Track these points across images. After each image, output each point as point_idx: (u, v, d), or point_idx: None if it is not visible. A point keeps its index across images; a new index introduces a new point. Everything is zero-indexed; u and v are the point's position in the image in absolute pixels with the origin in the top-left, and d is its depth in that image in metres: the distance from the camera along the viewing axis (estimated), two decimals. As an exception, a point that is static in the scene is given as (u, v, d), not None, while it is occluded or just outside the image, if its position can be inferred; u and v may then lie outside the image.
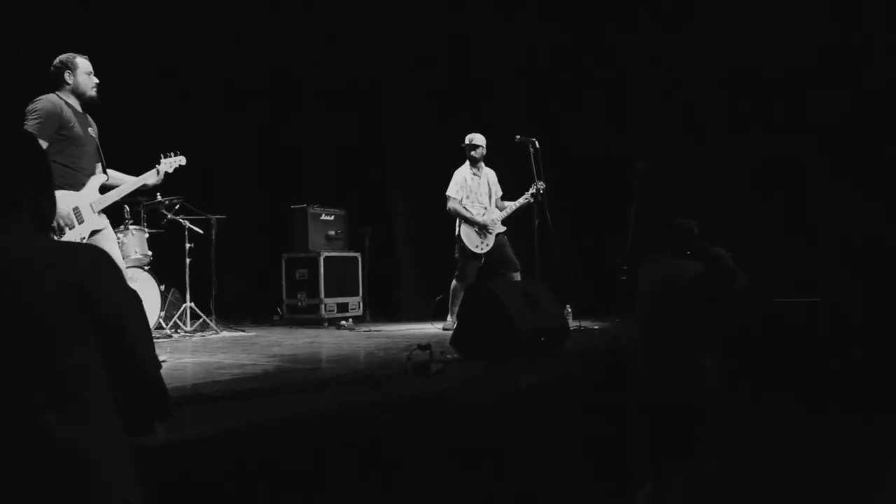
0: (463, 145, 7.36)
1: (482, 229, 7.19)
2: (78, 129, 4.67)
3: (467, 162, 7.36)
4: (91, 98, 4.81)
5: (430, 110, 9.34)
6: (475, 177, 7.34)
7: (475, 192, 7.31)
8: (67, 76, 4.74)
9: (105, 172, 4.91)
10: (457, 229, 7.26)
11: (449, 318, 7.18)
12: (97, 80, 4.82)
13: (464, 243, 7.18)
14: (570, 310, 6.92)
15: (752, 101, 7.89)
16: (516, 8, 8.82)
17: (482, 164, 7.40)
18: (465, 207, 7.21)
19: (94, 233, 4.72)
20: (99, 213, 4.78)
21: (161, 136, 5.90)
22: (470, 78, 9.11)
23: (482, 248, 7.19)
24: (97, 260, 1.67)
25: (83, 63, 4.79)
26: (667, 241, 4.38)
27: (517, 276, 7.15)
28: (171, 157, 5.38)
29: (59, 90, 4.76)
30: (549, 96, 8.76)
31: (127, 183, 5.00)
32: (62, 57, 4.77)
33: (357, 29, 9.52)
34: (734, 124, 7.98)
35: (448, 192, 7.26)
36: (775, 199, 7.73)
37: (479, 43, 9.06)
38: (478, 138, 7.33)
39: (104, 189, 4.90)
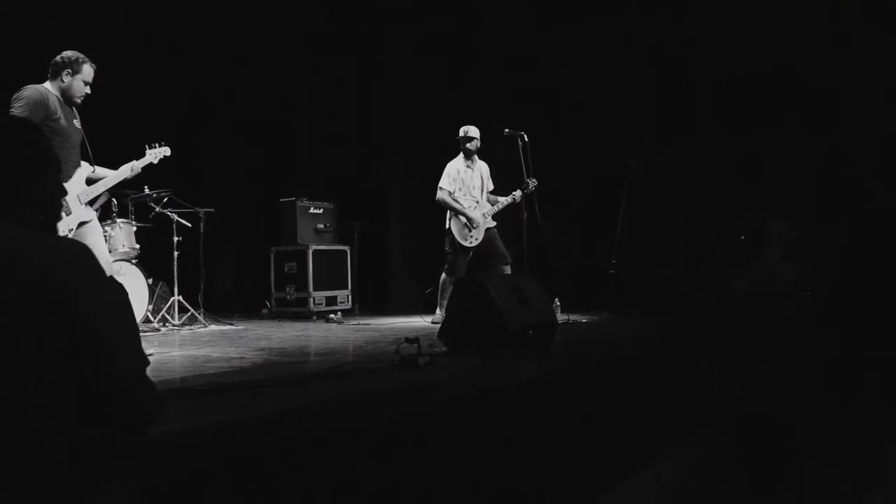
0: (457, 137, 7.35)
1: (470, 222, 7.18)
2: (63, 120, 4.66)
3: (461, 154, 7.36)
4: (74, 104, 4.83)
5: (422, 103, 9.32)
6: (468, 169, 7.33)
7: (467, 186, 7.30)
8: (66, 75, 4.73)
9: (91, 164, 4.90)
10: (447, 223, 7.25)
11: (438, 311, 7.18)
12: (88, 91, 4.83)
13: (453, 237, 7.18)
14: (559, 303, 6.94)
15: (742, 99, 7.92)
16: (516, 8, 8.81)
17: (476, 156, 7.40)
18: (455, 199, 7.21)
19: (80, 224, 4.70)
20: (86, 204, 4.77)
21: (148, 129, 5.87)
22: (462, 71, 9.10)
23: (471, 242, 7.19)
24: (74, 255, 1.61)
25: (87, 71, 4.79)
26: None
27: (508, 270, 7.16)
28: (156, 147, 5.40)
29: (50, 79, 4.74)
30: (541, 90, 8.74)
31: (111, 175, 4.99)
32: (71, 55, 4.76)
33: (354, 18, 9.50)
34: (726, 121, 8.00)
35: (440, 184, 7.25)
36: (766, 197, 7.76)
37: (475, 35, 9.04)
38: (473, 130, 7.33)
39: (90, 181, 4.88)
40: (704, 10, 8.05)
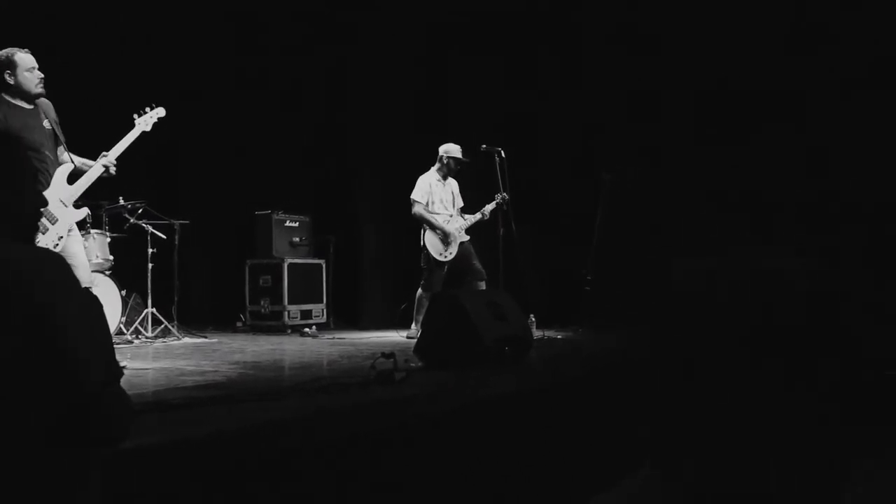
0: (450, 158, 7.30)
1: (446, 236, 7.19)
2: (27, 134, 4.43)
3: (433, 168, 7.37)
4: (38, 95, 4.55)
5: (397, 117, 9.34)
6: (439, 183, 7.35)
7: (440, 199, 7.31)
8: (8, 77, 4.46)
9: (71, 160, 4.68)
10: (422, 238, 7.25)
11: (413, 326, 7.18)
12: (42, 75, 4.55)
13: (428, 252, 7.19)
14: (533, 319, 6.95)
15: (716, 113, 7.99)
16: (489, 17, 8.84)
17: (448, 175, 7.41)
18: (430, 212, 7.22)
19: (69, 231, 4.55)
20: (72, 205, 4.57)
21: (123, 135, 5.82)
22: (438, 84, 9.12)
23: (446, 257, 7.20)
24: (47, 266, 1.59)
25: (23, 59, 4.49)
26: None
27: (483, 286, 7.15)
28: (146, 112, 5.13)
29: (4, 92, 4.49)
30: (516, 105, 8.78)
31: (90, 172, 4.73)
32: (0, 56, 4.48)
33: (329, 31, 9.51)
34: (699, 136, 8.07)
35: (413, 197, 7.25)
36: (739, 210, 7.82)
37: (450, 49, 9.07)
38: (456, 151, 7.29)
39: (74, 177, 4.65)
40: (684, 24, 8.14)
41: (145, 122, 5.11)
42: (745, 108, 7.82)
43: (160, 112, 5.19)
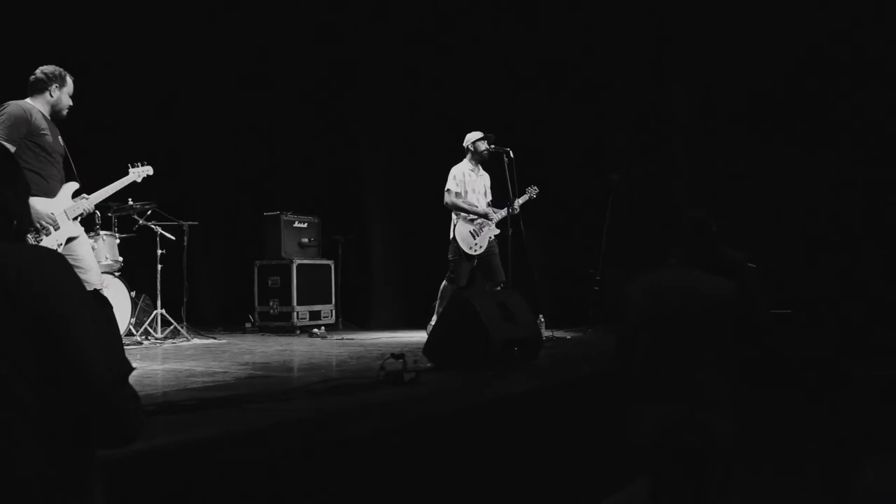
0: (475, 142, 7.20)
1: (478, 228, 7.09)
2: (48, 137, 4.62)
3: (465, 159, 7.26)
4: (61, 118, 4.83)
5: (406, 117, 9.34)
6: (472, 172, 7.23)
7: (472, 189, 7.20)
8: (54, 89, 4.74)
9: (76, 179, 4.88)
10: (451, 231, 7.16)
11: (434, 318, 7.09)
12: (71, 103, 4.85)
13: (458, 244, 7.10)
14: (543, 319, 6.92)
15: (723, 112, 7.97)
16: (497, 15, 8.84)
17: (481, 166, 7.33)
18: (464, 201, 7.12)
19: (69, 240, 4.68)
20: (73, 219, 4.74)
21: (134, 143, 5.88)
22: (446, 85, 9.12)
23: (476, 250, 7.09)
24: (48, 263, 1.57)
25: (71, 84, 4.82)
26: (673, 244, 3.28)
27: (499, 287, 7.08)
28: (138, 166, 5.45)
29: (33, 96, 4.71)
30: (526, 106, 8.77)
31: (99, 192, 5.01)
32: (54, 70, 4.76)
33: (332, 33, 9.52)
34: (707, 134, 8.05)
35: (447, 185, 7.15)
36: (746, 210, 7.80)
37: (458, 49, 9.07)
38: (476, 136, 7.25)
39: (76, 196, 4.87)
40: (686, 24, 8.13)
41: (137, 173, 5.48)
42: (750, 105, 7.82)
43: (149, 170, 5.57)
